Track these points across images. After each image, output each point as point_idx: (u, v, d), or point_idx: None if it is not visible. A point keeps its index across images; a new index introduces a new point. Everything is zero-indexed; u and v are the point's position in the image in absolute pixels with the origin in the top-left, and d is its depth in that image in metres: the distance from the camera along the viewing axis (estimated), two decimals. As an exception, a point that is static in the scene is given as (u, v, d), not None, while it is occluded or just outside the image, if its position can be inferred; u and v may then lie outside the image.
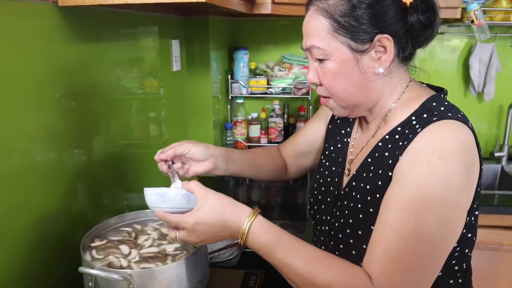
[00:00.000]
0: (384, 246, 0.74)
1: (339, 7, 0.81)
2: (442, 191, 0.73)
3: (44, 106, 0.98)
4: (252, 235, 0.79)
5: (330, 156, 1.04)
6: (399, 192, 0.75)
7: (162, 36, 1.63)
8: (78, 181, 1.12)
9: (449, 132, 0.76)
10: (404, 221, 0.73)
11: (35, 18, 0.94)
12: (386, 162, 0.82)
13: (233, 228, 0.80)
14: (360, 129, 0.99)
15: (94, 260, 0.92)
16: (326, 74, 0.85)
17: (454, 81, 2.34)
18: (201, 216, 0.80)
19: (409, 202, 0.73)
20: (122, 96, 1.36)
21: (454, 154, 0.73)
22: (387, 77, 0.86)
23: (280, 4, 1.67)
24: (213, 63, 2.00)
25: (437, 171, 0.73)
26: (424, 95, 0.86)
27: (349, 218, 0.89)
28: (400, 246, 0.73)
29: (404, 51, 0.84)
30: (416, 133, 0.78)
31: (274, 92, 2.25)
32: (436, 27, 0.83)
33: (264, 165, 1.16)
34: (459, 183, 0.74)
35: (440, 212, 0.73)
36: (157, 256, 0.94)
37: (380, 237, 0.76)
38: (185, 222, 0.80)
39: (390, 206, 0.76)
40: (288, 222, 1.63)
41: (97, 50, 1.19)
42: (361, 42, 0.81)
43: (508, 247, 1.79)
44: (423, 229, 0.72)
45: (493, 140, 2.38)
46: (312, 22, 0.84)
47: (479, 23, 1.96)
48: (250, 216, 0.80)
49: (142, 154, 1.52)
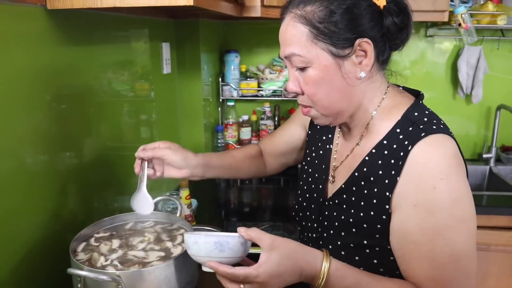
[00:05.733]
0: (429, 277, 0.78)
1: (317, 13, 0.80)
2: (457, 210, 0.77)
3: (34, 109, 0.98)
4: (331, 282, 0.78)
5: (313, 162, 1.04)
6: (421, 225, 0.78)
7: (152, 39, 1.64)
8: (68, 184, 1.13)
9: (440, 149, 0.79)
10: (438, 250, 0.77)
11: (24, 21, 0.94)
12: (381, 182, 0.83)
13: (308, 275, 0.78)
14: (341, 135, 0.99)
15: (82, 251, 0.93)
16: (308, 83, 0.84)
17: (443, 84, 2.37)
18: (273, 268, 0.74)
19: (433, 232, 0.77)
20: (113, 98, 1.37)
21: (451, 171, 0.78)
22: (368, 81, 0.86)
23: (270, 7, 1.68)
24: (204, 66, 2.01)
25: (444, 194, 0.77)
26: (403, 103, 0.88)
27: (340, 231, 0.90)
28: (443, 273, 0.77)
29: (383, 54, 0.86)
30: (407, 151, 0.80)
31: (264, 95, 2.26)
32: (410, 29, 0.86)
33: (242, 167, 1.17)
34: (465, 194, 0.79)
35: (464, 229, 0.77)
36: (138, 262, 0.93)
37: (421, 272, 0.79)
38: (255, 277, 0.74)
39: (418, 240, 0.79)
40: (279, 224, 1.63)
41: (87, 53, 1.19)
42: (342, 48, 0.81)
43: (495, 247, 1.81)
44: (456, 250, 0.77)
45: (481, 141, 2.40)
46: (290, 29, 0.84)
47: (466, 26, 1.99)
48: (325, 261, 0.78)
49: (133, 157, 1.52)
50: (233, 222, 1.72)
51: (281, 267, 0.75)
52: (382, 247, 0.85)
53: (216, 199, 1.96)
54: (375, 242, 0.85)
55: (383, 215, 0.83)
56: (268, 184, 2.15)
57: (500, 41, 2.27)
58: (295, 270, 0.77)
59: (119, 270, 0.88)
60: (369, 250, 0.86)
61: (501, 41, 2.27)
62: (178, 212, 1.12)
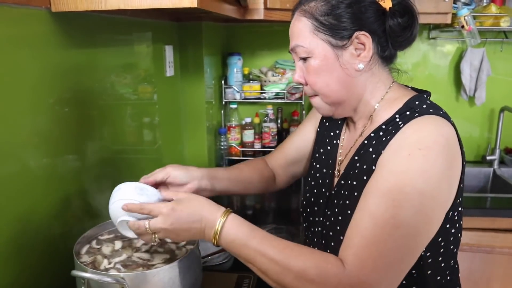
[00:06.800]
0: (361, 232, 0.76)
1: (319, 8, 0.87)
2: (420, 181, 0.75)
3: (37, 112, 0.99)
4: (226, 229, 0.81)
5: (320, 158, 1.06)
6: (379, 181, 0.78)
7: (155, 42, 1.64)
8: (71, 186, 1.13)
9: (430, 126, 0.79)
10: (382, 208, 0.75)
11: (28, 24, 0.95)
12: (370, 157, 0.85)
13: (208, 221, 0.82)
14: (348, 130, 1.02)
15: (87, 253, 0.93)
16: (309, 72, 0.90)
17: (446, 86, 2.37)
18: (178, 204, 0.82)
19: (388, 190, 0.75)
20: (116, 101, 1.37)
21: (434, 147, 0.76)
22: (368, 74, 0.89)
23: (273, 10, 1.69)
24: (207, 69, 2.01)
25: (416, 162, 0.75)
26: (407, 95, 0.90)
27: (338, 215, 0.91)
28: (376, 233, 0.74)
29: (384, 50, 0.88)
30: (399, 129, 0.81)
31: (267, 97, 2.26)
32: (415, 29, 0.88)
33: (250, 180, 1.14)
34: (438, 175, 0.76)
35: (417, 202, 0.74)
36: (143, 265, 0.93)
37: (358, 223, 0.77)
38: (161, 207, 0.81)
39: (370, 194, 0.78)
40: (282, 227, 1.63)
41: (91, 56, 1.20)
42: (341, 39, 0.86)
43: (500, 250, 1.80)
44: (399, 217, 0.74)
45: (485, 143, 2.40)
46: (296, 24, 0.90)
47: (469, 29, 1.99)
48: (225, 212, 0.83)
49: (136, 160, 1.52)
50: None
51: (185, 205, 0.83)
52: None
53: (219, 202, 1.94)
54: None
55: None
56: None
57: (503, 43, 2.27)
58: (196, 212, 0.82)
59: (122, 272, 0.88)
60: None
61: (504, 43, 2.27)
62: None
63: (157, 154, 1.71)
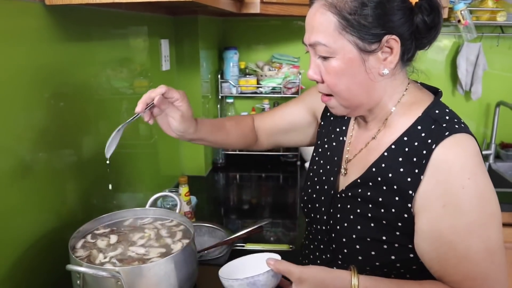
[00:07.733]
0: (467, 275, 0.79)
1: (348, 4, 0.78)
2: (486, 206, 0.78)
3: (33, 106, 0.98)
4: None
5: (325, 154, 1.03)
6: (454, 225, 0.78)
7: (151, 36, 1.63)
8: (67, 181, 1.12)
9: (465, 149, 0.80)
10: (474, 248, 0.78)
11: (22, 17, 0.94)
12: (403, 180, 0.83)
13: None
14: (357, 127, 0.98)
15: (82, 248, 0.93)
16: (329, 73, 0.84)
17: (442, 80, 2.37)
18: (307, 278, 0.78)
19: (468, 230, 0.78)
20: (112, 96, 1.36)
21: (477, 170, 0.78)
22: (391, 78, 0.86)
23: (269, 4, 1.68)
24: (203, 63, 2.01)
25: (473, 192, 0.78)
26: (424, 100, 0.88)
27: (356, 224, 0.89)
28: (480, 270, 0.78)
29: (408, 52, 0.84)
30: (431, 150, 0.80)
31: (264, 92, 2.26)
32: (439, 29, 0.84)
33: (231, 131, 1.13)
34: (491, 191, 0.80)
35: (495, 224, 0.79)
36: (138, 259, 0.93)
37: (459, 271, 0.79)
38: None
39: (453, 240, 0.79)
40: (278, 221, 1.63)
41: (86, 50, 1.19)
42: (369, 42, 0.80)
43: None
44: (490, 245, 0.78)
45: (481, 138, 2.41)
46: (318, 16, 0.82)
47: (465, 23, 1.99)
48: (354, 279, 0.79)
49: (132, 154, 1.52)
50: (232, 219, 1.72)
51: (313, 279, 0.78)
52: (402, 244, 0.84)
53: (215, 196, 1.96)
54: (395, 239, 0.84)
55: (405, 214, 0.82)
56: (268, 181, 2.15)
57: (499, 37, 2.27)
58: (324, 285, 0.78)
59: (118, 267, 0.88)
60: (387, 246, 0.85)
61: (500, 38, 2.27)
62: (177, 209, 1.11)
63: (153, 148, 1.70)
